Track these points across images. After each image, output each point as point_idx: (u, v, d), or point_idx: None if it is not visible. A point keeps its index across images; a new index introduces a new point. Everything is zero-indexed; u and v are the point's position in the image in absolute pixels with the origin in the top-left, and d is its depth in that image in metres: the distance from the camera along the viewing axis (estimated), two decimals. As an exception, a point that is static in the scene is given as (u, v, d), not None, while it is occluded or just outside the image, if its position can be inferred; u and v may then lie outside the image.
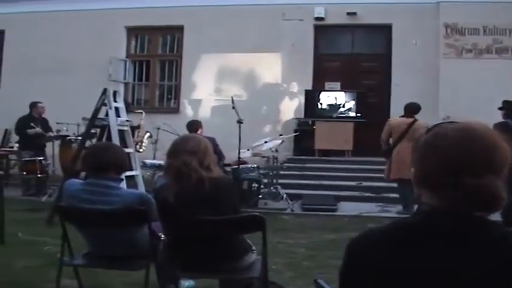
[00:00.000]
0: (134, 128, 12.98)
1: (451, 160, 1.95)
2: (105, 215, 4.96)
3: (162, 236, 5.18)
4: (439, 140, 2.01)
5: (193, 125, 12.73)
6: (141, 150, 13.53)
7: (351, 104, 17.29)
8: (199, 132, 12.08)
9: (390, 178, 12.31)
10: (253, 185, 12.89)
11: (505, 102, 12.29)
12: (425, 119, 12.56)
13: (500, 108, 12.28)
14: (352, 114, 17.19)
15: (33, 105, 14.79)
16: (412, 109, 12.40)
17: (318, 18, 17.73)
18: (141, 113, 14.20)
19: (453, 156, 1.95)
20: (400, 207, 12.36)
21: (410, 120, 12.13)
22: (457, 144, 1.96)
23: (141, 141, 13.73)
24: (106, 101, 10.75)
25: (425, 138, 2.08)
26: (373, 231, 2.11)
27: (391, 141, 12.35)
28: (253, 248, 5.13)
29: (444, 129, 2.05)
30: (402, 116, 12.45)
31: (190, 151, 4.78)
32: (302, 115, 17.44)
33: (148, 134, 14.27)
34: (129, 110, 12.53)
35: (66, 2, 18.69)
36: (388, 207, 12.79)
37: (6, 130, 16.72)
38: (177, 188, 4.71)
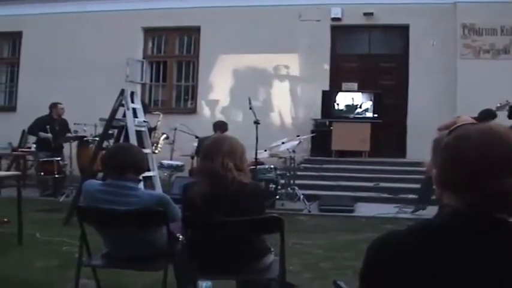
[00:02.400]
0: (151, 130, 13.01)
1: (474, 163, 1.94)
2: (124, 216, 4.98)
3: (180, 236, 5.18)
4: (462, 143, 2.00)
5: (222, 126, 13.04)
6: (156, 151, 13.54)
7: (368, 104, 17.22)
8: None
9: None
10: (270, 185, 12.88)
11: None
12: (443, 120, 12.53)
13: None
14: (369, 114, 17.11)
15: (53, 105, 14.84)
16: (488, 116, 12.01)
17: (334, 19, 17.69)
18: (159, 114, 14.23)
19: (476, 158, 1.94)
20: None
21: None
22: (479, 147, 1.95)
23: (157, 143, 13.75)
24: (123, 102, 10.74)
25: (448, 141, 2.07)
26: (394, 233, 2.10)
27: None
28: (272, 249, 5.13)
29: (466, 132, 2.03)
30: (474, 118, 12.12)
31: (227, 153, 4.79)
32: (319, 116, 17.38)
33: (164, 136, 14.28)
34: (146, 112, 12.54)
35: (83, 3, 18.77)
36: (405, 208, 12.72)
37: (23, 131, 16.78)
38: (207, 191, 4.72)
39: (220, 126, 13.51)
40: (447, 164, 2.03)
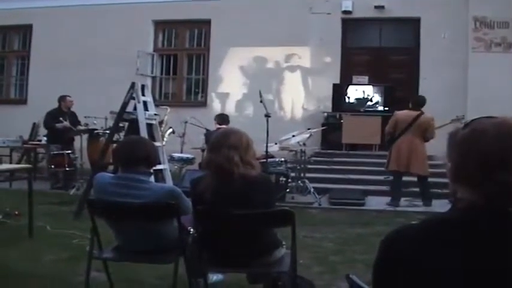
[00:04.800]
0: (158, 124, 13.02)
1: (490, 156, 1.93)
2: (135, 209, 4.97)
3: (191, 230, 5.18)
4: (478, 136, 1.99)
5: (225, 119, 13.21)
6: (160, 145, 13.57)
7: (379, 97, 17.21)
8: (222, 126, 12.36)
9: (388, 169, 12.54)
10: (280, 178, 12.88)
11: None
12: (454, 113, 12.55)
13: None
14: (380, 108, 17.12)
15: (61, 98, 14.85)
16: (419, 102, 12.65)
17: (345, 12, 17.65)
18: (166, 108, 14.21)
19: (492, 152, 1.93)
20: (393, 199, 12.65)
21: (417, 113, 12.34)
22: (496, 141, 1.94)
23: (163, 137, 13.75)
24: (134, 95, 10.75)
25: (463, 134, 2.05)
26: (408, 226, 2.10)
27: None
28: (283, 242, 5.12)
29: (483, 125, 2.02)
30: (410, 109, 12.60)
31: (232, 146, 4.79)
32: (330, 109, 17.41)
33: (170, 130, 14.25)
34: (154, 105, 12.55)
35: (93, -5, 18.83)
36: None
37: (34, 124, 16.82)
38: (215, 184, 4.72)
39: (223, 119, 13.58)
40: (463, 157, 2.01)
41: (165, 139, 13.49)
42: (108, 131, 12.92)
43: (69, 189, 13.59)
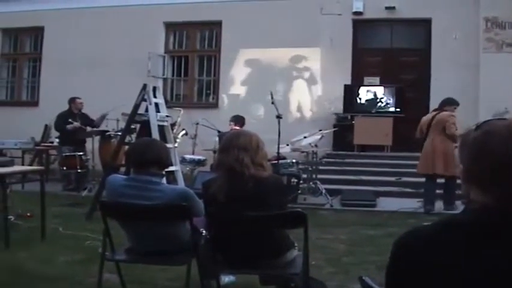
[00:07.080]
0: (171, 125, 13.04)
1: (502, 157, 1.92)
2: (147, 211, 4.98)
3: (204, 231, 5.18)
4: (490, 138, 1.98)
5: (240, 120, 13.34)
6: (173, 147, 13.60)
7: (390, 98, 17.18)
8: (237, 127, 12.36)
9: (418, 172, 12.58)
10: (292, 180, 12.86)
11: None
12: (465, 114, 12.49)
13: None
14: (392, 109, 17.06)
15: (72, 100, 14.90)
16: (444, 102, 12.56)
17: (356, 13, 17.61)
18: (179, 110, 14.23)
19: (505, 154, 1.92)
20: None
21: (435, 112, 12.40)
22: (507, 143, 1.93)
23: (175, 138, 13.77)
24: (146, 97, 10.77)
25: (475, 136, 2.04)
26: (421, 227, 2.09)
27: None
28: (296, 244, 5.12)
29: (494, 127, 2.01)
30: (434, 110, 12.60)
31: (242, 147, 4.80)
32: (341, 110, 17.37)
33: (183, 132, 14.27)
34: (167, 107, 12.57)
35: (105, -3, 18.88)
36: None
37: (46, 125, 16.85)
38: (227, 185, 4.73)
39: (238, 120, 13.60)
40: (475, 159, 2.01)
41: (177, 141, 13.51)
42: (120, 133, 12.94)
43: (81, 191, 13.62)
